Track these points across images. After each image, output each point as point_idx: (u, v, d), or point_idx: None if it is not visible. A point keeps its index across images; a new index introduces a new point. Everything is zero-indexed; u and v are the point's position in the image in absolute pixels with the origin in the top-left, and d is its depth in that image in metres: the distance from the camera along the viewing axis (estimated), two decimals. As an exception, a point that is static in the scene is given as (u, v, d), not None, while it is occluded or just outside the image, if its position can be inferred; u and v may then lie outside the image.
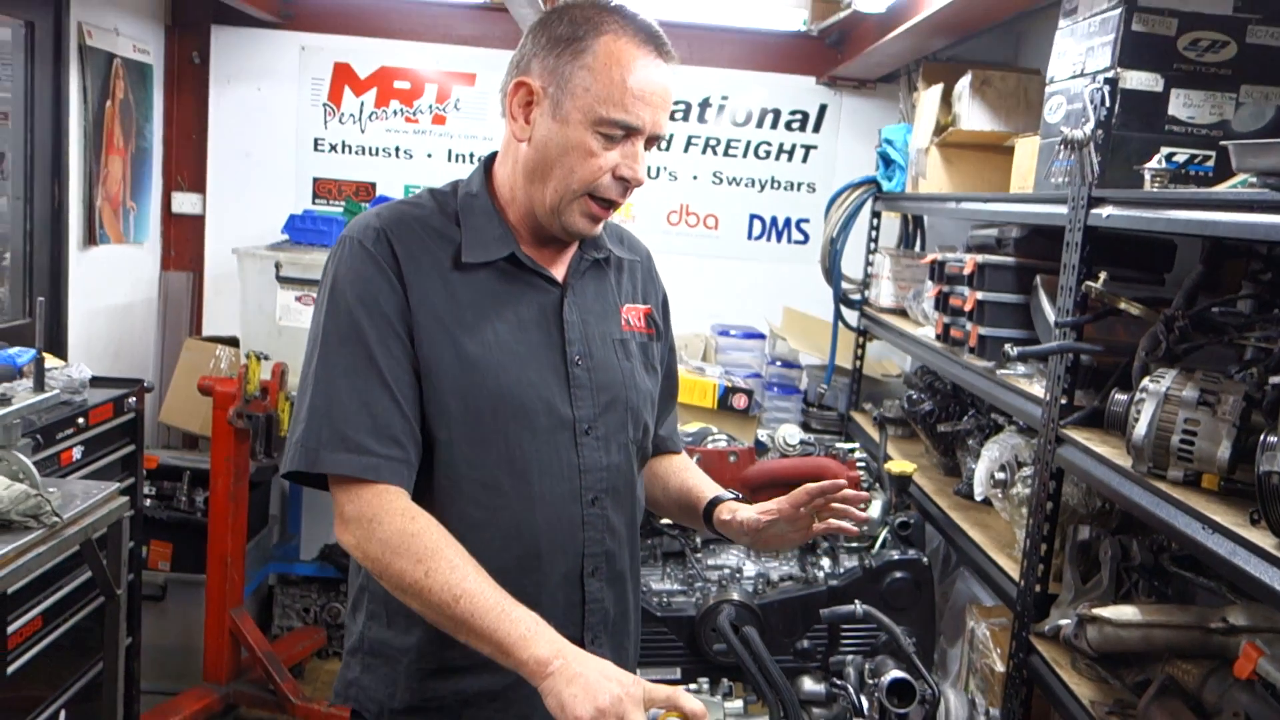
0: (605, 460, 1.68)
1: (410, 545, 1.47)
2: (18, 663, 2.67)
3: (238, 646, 3.85)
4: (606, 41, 1.55)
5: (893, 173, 3.93)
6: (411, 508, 1.52)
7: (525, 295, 1.65)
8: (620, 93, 1.54)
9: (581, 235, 1.66)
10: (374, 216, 1.63)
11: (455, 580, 1.44)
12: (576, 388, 1.66)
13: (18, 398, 2.40)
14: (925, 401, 3.34)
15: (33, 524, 2.25)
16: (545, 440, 1.62)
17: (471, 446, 1.59)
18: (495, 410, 1.59)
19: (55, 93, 3.78)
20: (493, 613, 1.42)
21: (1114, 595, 2.14)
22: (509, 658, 1.40)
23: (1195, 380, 1.79)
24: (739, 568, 2.72)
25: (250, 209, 4.73)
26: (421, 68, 4.73)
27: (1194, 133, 2.17)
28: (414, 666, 1.63)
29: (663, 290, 1.91)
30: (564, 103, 1.56)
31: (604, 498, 1.68)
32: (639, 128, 1.57)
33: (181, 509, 4.07)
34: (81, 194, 3.97)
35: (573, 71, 1.55)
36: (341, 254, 1.60)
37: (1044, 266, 2.53)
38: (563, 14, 1.60)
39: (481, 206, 1.66)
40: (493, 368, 1.59)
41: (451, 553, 1.47)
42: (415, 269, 1.59)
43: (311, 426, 1.54)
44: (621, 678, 1.36)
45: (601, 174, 1.57)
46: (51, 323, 3.83)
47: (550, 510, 1.63)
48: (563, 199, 1.59)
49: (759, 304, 4.79)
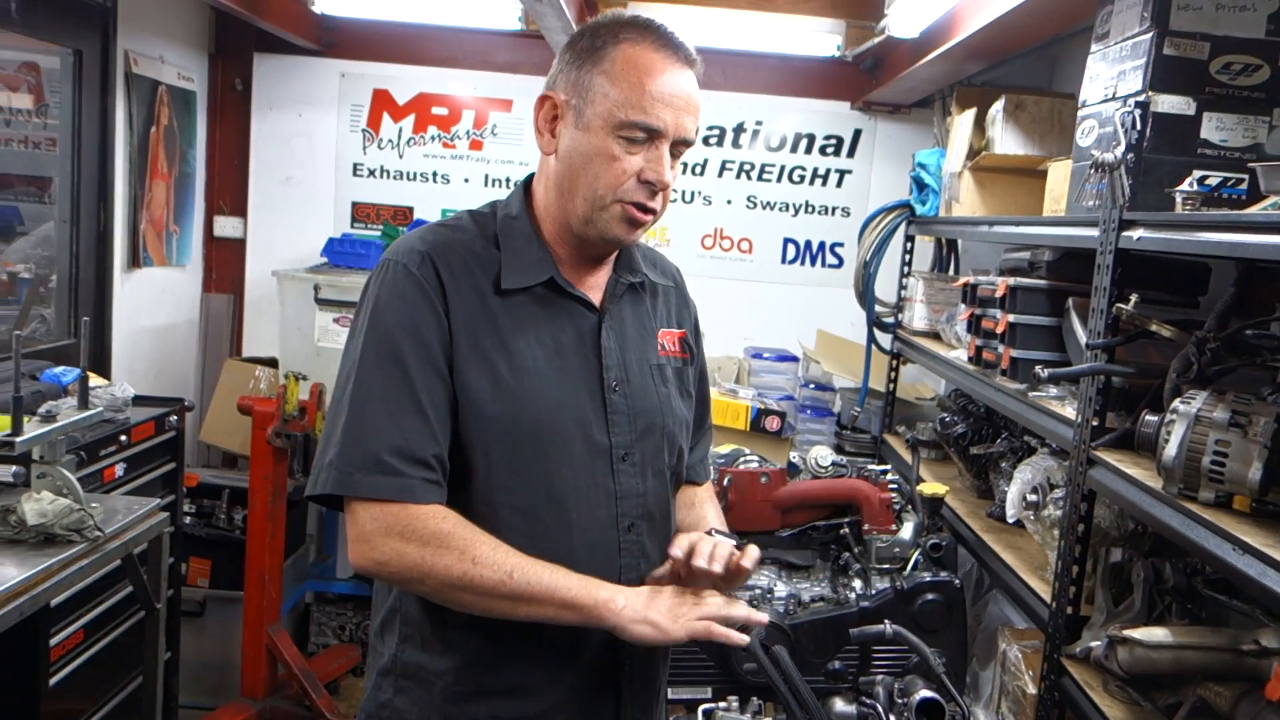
0: (641, 486, 1.68)
1: (449, 541, 1.50)
2: (60, 675, 2.72)
3: (274, 663, 3.89)
4: (624, 48, 1.57)
5: (926, 196, 3.94)
6: (438, 511, 1.54)
7: (563, 320, 1.65)
8: (639, 95, 1.55)
9: (620, 243, 1.66)
10: (418, 240, 1.62)
11: (501, 559, 1.50)
12: (613, 414, 1.66)
13: (62, 415, 2.46)
14: (958, 424, 3.33)
15: (76, 538, 2.31)
16: (582, 467, 1.63)
17: (509, 473, 1.59)
18: (534, 438, 1.59)
19: (102, 119, 3.87)
20: (546, 574, 1.51)
21: (1147, 617, 2.13)
22: (576, 608, 1.51)
23: (1226, 402, 1.79)
24: (770, 588, 2.72)
25: (290, 233, 4.81)
26: (459, 94, 4.80)
27: (1227, 156, 2.17)
28: (450, 690, 1.62)
29: (695, 313, 1.90)
30: (585, 111, 1.57)
31: (640, 524, 1.68)
32: (660, 129, 1.57)
33: (220, 526, 4.14)
34: (126, 218, 4.07)
35: (593, 80, 1.57)
36: (384, 276, 1.59)
37: (1076, 289, 2.53)
38: (585, 29, 1.63)
39: (521, 229, 1.66)
40: (531, 395, 1.59)
41: (487, 539, 1.52)
42: (458, 294, 1.58)
43: (345, 449, 1.53)
44: (661, 594, 1.55)
45: (626, 178, 1.57)
46: (96, 342, 3.92)
47: (587, 537, 1.63)
48: (593, 207, 1.59)
49: (792, 327, 4.80)
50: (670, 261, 1.92)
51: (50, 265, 3.86)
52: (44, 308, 3.89)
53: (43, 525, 2.26)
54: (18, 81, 3.78)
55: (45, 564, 2.18)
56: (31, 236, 3.92)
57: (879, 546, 2.68)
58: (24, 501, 2.27)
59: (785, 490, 2.80)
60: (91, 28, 3.78)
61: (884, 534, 2.69)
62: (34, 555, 2.20)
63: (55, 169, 3.81)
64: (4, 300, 3.87)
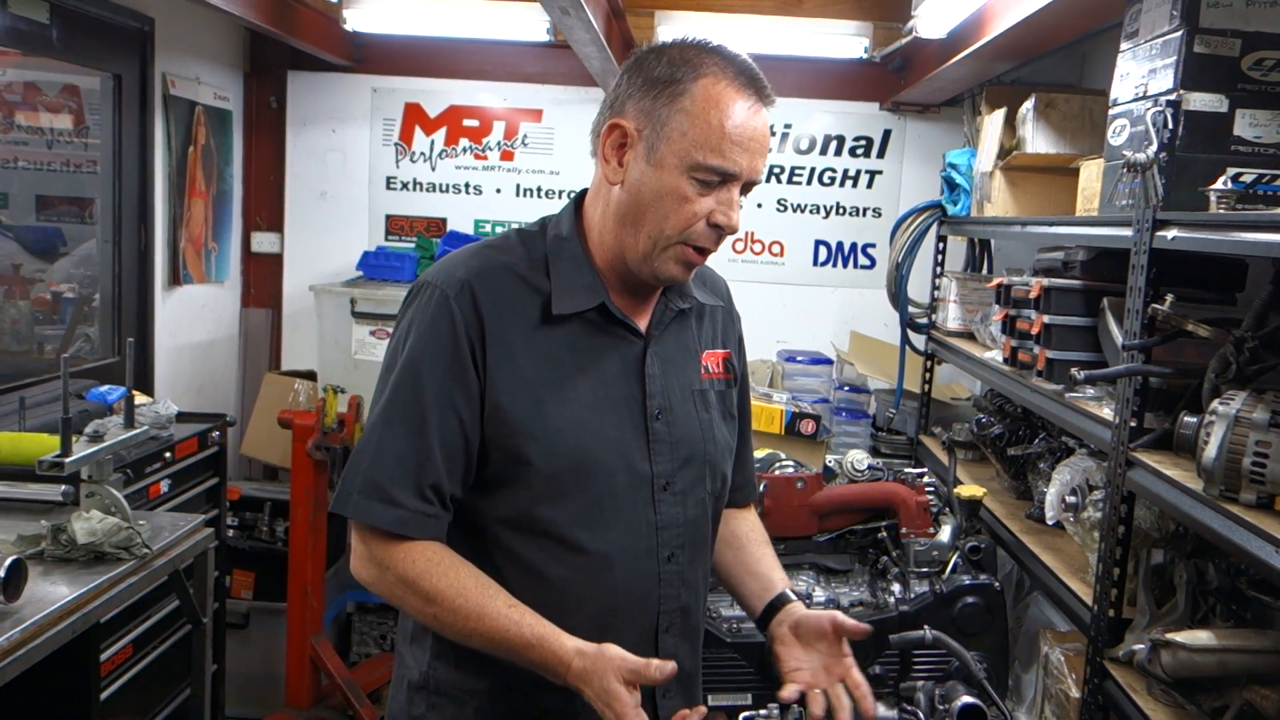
0: (683, 516, 1.65)
1: (416, 587, 1.52)
2: (110, 689, 2.77)
3: (318, 673, 3.94)
4: (705, 84, 1.50)
5: (957, 196, 3.92)
6: (418, 551, 1.53)
7: (609, 348, 1.62)
8: (718, 138, 1.49)
9: (673, 283, 1.62)
10: (461, 265, 1.58)
11: (461, 621, 1.51)
12: (655, 443, 1.62)
13: (109, 434, 2.51)
14: (995, 425, 3.32)
15: (124, 555, 2.35)
16: (625, 498, 1.60)
17: (552, 505, 1.56)
18: (577, 469, 1.56)
19: (141, 140, 3.94)
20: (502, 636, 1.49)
21: (1190, 619, 2.11)
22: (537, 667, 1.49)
23: (1266, 402, 1.77)
24: (809, 593, 2.72)
25: (326, 247, 4.87)
26: (490, 105, 4.84)
27: (1261, 152, 2.15)
28: (484, 710, 1.61)
29: (739, 328, 1.86)
30: (659, 146, 1.51)
31: (680, 553, 1.65)
32: (736, 174, 1.52)
33: (263, 539, 4.19)
34: (166, 236, 4.14)
35: (669, 115, 1.50)
36: (421, 302, 1.57)
37: (1111, 289, 2.51)
38: (660, 54, 1.54)
39: (571, 252, 1.61)
40: (575, 427, 1.55)
41: (454, 591, 1.51)
42: (499, 325, 1.54)
43: (351, 471, 1.54)
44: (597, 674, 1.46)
45: (696, 220, 1.52)
46: (139, 360, 3.98)
47: (628, 568, 1.60)
48: (656, 245, 1.54)
49: (826, 329, 4.80)
50: (719, 276, 1.87)
51: (93, 285, 3.93)
52: (88, 327, 3.96)
53: (92, 544, 2.30)
54: (59, 105, 3.86)
55: (95, 582, 2.22)
56: (74, 256, 4.00)
57: (917, 550, 2.68)
58: (74, 521, 2.31)
59: (822, 495, 2.80)
60: (130, 52, 3.84)
61: (922, 537, 2.69)
62: (84, 574, 2.24)
63: (96, 190, 3.88)
64: (49, 319, 3.95)
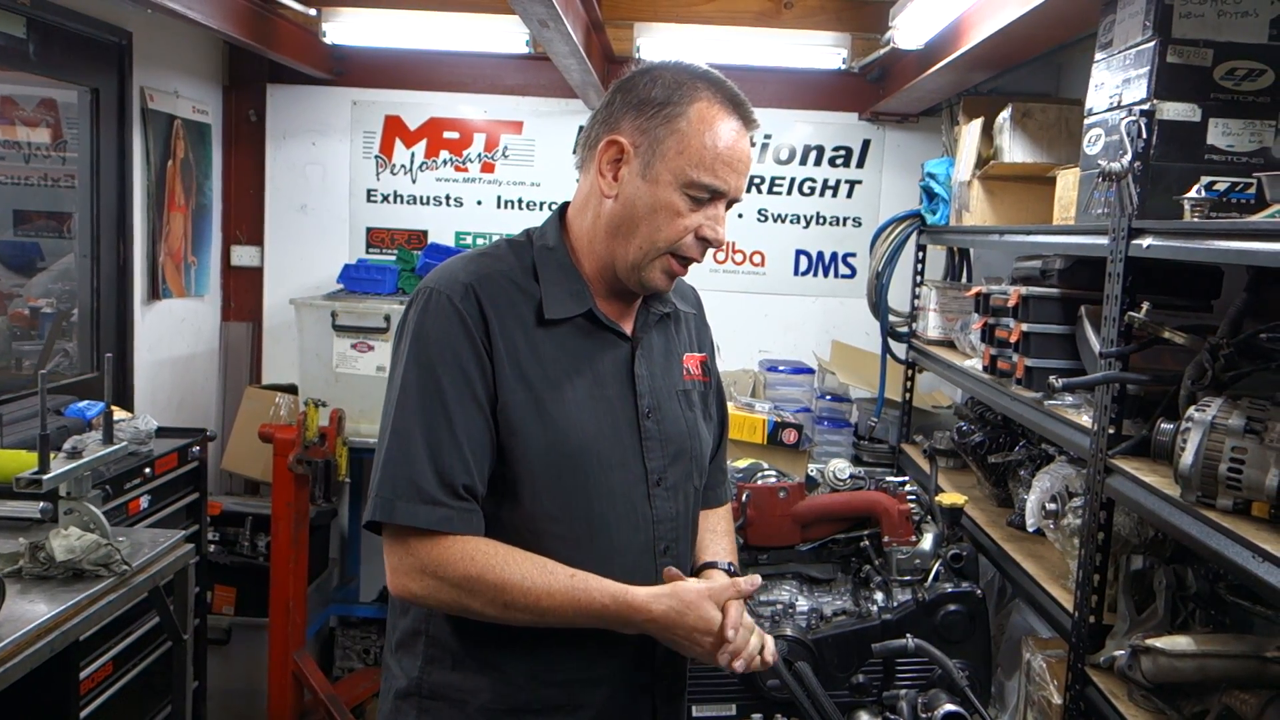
0: (674, 510, 1.74)
1: (478, 586, 1.55)
2: (90, 707, 2.75)
3: (301, 688, 3.92)
4: (700, 108, 1.62)
5: (936, 206, 3.94)
6: (471, 548, 1.56)
7: (601, 351, 1.70)
8: (711, 158, 1.62)
9: (658, 291, 1.72)
10: (460, 271, 1.65)
11: (533, 600, 1.56)
12: (648, 440, 1.71)
13: (88, 450, 2.49)
14: (976, 433, 3.33)
15: (104, 573, 2.34)
16: (622, 494, 1.68)
17: (554, 502, 1.63)
18: (577, 467, 1.63)
19: (119, 154, 3.92)
20: (574, 604, 1.57)
21: (1170, 625, 2.12)
22: (613, 620, 1.59)
23: (1241, 408, 1.79)
24: (792, 603, 2.72)
25: (306, 260, 4.86)
26: (470, 118, 4.84)
27: (1234, 161, 2.17)
28: (486, 707, 1.65)
29: (711, 335, 1.96)
30: (654, 164, 1.62)
31: (673, 546, 1.74)
32: (725, 192, 1.65)
33: (244, 554, 4.17)
34: (145, 250, 4.12)
35: (665, 134, 1.61)
36: (427, 306, 1.62)
37: (1088, 297, 2.53)
38: (654, 77, 1.65)
39: (558, 261, 1.70)
40: (574, 426, 1.63)
41: (519, 573, 1.56)
42: (502, 327, 1.62)
43: (386, 478, 1.57)
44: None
45: (686, 234, 1.64)
46: (118, 375, 3.96)
47: (627, 562, 1.67)
48: (646, 256, 1.65)
49: (807, 339, 4.82)
50: (690, 285, 1.96)
51: (71, 299, 3.90)
52: (66, 342, 3.94)
53: (71, 561, 2.29)
54: (36, 119, 3.84)
55: (74, 600, 2.21)
56: (52, 271, 3.97)
57: (900, 558, 2.69)
58: (52, 538, 2.30)
59: (804, 504, 2.80)
60: (108, 66, 3.83)
61: (904, 545, 2.69)
62: (63, 591, 2.23)
63: (74, 204, 3.86)
64: (27, 334, 3.92)
